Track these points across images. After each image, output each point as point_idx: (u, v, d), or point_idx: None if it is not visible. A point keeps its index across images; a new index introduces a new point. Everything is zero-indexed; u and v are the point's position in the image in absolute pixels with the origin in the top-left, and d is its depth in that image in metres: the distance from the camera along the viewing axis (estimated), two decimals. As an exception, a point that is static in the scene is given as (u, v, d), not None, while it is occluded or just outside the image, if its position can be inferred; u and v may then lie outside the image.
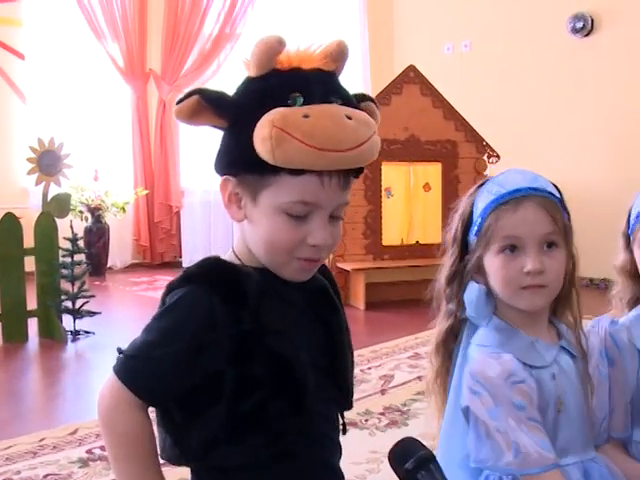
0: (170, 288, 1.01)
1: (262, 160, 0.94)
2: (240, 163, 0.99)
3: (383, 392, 2.90)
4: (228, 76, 6.94)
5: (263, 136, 0.93)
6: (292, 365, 0.99)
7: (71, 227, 3.99)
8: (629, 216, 1.44)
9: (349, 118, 0.96)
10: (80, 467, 2.17)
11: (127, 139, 7.00)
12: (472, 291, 1.23)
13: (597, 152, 6.10)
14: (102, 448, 2.31)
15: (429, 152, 5.24)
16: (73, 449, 2.32)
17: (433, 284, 1.34)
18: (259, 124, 0.94)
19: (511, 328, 1.21)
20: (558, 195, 1.23)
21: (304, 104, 0.95)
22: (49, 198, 4.04)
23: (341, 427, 1.13)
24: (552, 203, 1.20)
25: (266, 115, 0.94)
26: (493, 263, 1.20)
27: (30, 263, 3.94)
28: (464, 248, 1.27)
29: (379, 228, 5.11)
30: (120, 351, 1.00)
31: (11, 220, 3.86)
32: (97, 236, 6.51)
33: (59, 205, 4.06)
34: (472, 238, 1.25)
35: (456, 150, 5.33)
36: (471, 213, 1.27)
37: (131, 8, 6.89)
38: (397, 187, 5.31)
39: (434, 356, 1.33)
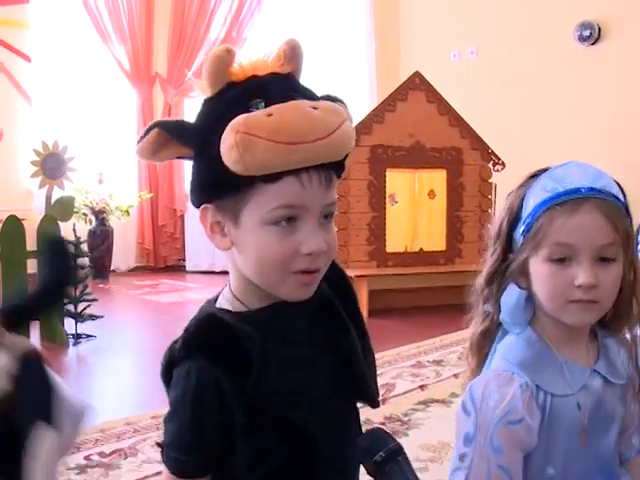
0: (171, 353, 0.97)
1: (235, 176, 0.89)
2: (214, 186, 0.94)
3: (384, 401, 2.88)
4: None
5: (229, 145, 0.88)
6: (301, 428, 0.95)
7: (74, 230, 3.98)
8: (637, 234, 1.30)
9: (315, 109, 0.91)
10: (77, 474, 2.16)
11: (132, 142, 6.97)
12: (511, 295, 1.11)
13: (602, 160, 6.01)
14: (100, 454, 2.30)
15: (434, 159, 5.22)
16: (71, 455, 2.30)
17: (474, 282, 1.19)
18: (223, 136, 0.89)
19: (543, 345, 1.10)
20: (622, 198, 1.07)
21: (266, 107, 0.91)
22: (52, 201, 4.03)
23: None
24: (615, 208, 1.04)
25: (229, 124, 0.89)
26: (541, 269, 1.07)
27: (33, 265, 3.93)
28: (508, 246, 1.13)
29: (383, 235, 5.09)
30: (160, 445, 0.99)
31: (14, 223, 3.85)
32: (101, 239, 6.51)
33: (62, 208, 4.06)
34: (518, 237, 1.10)
35: (461, 157, 5.31)
36: (520, 208, 1.12)
37: (137, 11, 6.90)
38: (402, 194, 5.29)
39: (470, 356, 1.21)
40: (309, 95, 0.96)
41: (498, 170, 5.42)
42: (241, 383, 0.92)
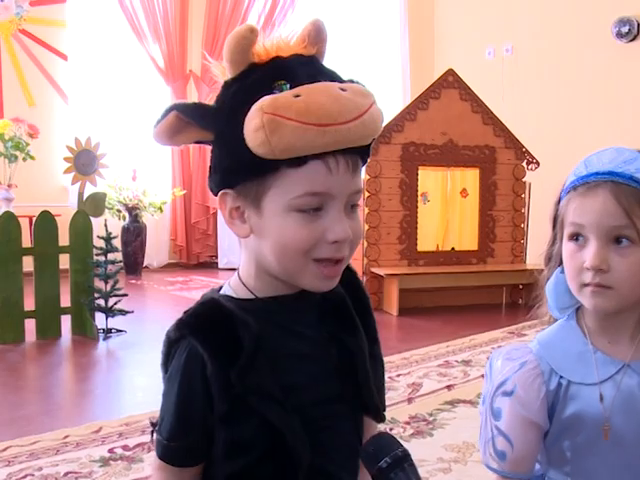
0: (168, 340, 0.95)
1: (259, 159, 0.86)
2: (236, 170, 0.90)
3: (410, 401, 2.85)
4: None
5: (255, 127, 0.84)
6: (279, 432, 0.91)
7: (105, 226, 4.02)
8: None
9: (343, 90, 0.88)
10: (101, 466, 2.17)
11: (166, 140, 7.04)
12: (552, 279, 1.12)
13: (641, 160, 5.96)
14: (124, 447, 2.31)
15: (467, 157, 5.17)
16: (95, 447, 2.32)
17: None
18: (248, 117, 0.86)
19: (577, 332, 1.09)
20: None
21: (291, 89, 0.87)
22: (85, 197, 4.08)
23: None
24: (634, 193, 1.03)
25: (253, 106, 0.86)
26: (565, 250, 1.08)
27: (65, 261, 3.99)
28: (555, 229, 1.14)
29: (414, 233, 5.05)
30: (153, 424, 0.97)
31: (47, 218, 3.91)
32: (134, 235, 6.57)
33: (94, 204, 4.10)
34: (557, 220, 1.12)
35: (494, 156, 5.25)
36: (562, 191, 1.14)
37: (172, 9, 6.95)
38: (434, 192, 5.26)
39: None
40: (334, 77, 0.93)
41: (532, 169, 5.35)
42: (226, 369, 0.89)
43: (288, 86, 0.87)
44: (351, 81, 0.95)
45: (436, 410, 2.72)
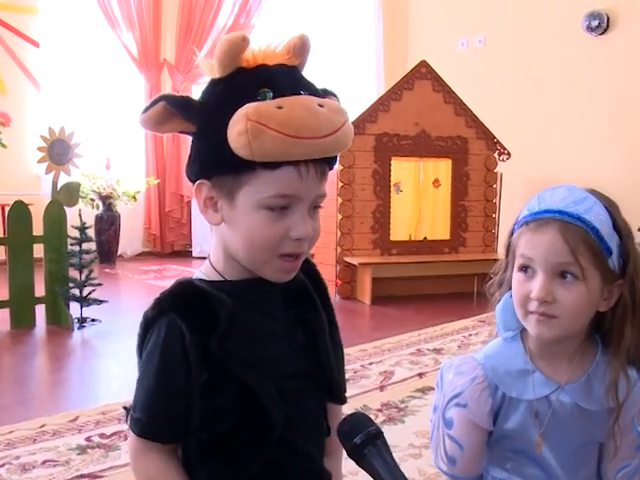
0: (145, 319, 1.01)
1: (237, 158, 0.93)
2: (214, 164, 0.98)
3: (382, 388, 2.91)
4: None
5: (239, 131, 0.92)
6: (258, 396, 0.98)
7: (80, 216, 4.02)
8: None
9: (321, 106, 0.96)
10: (78, 454, 2.20)
11: (140, 129, 6.95)
12: (502, 302, 1.21)
13: (609, 151, 6.07)
14: (101, 436, 2.35)
15: (439, 148, 5.23)
16: (72, 436, 2.35)
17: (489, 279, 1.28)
18: (232, 120, 0.93)
19: (520, 350, 1.19)
20: (596, 225, 1.12)
21: (273, 98, 0.95)
22: (59, 187, 4.07)
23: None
24: (579, 232, 1.10)
25: (239, 111, 0.93)
26: (513, 279, 1.17)
27: (39, 250, 3.98)
28: (508, 258, 1.23)
29: (387, 223, 5.11)
30: (127, 409, 1.02)
31: (20, 208, 3.90)
32: (108, 224, 6.55)
33: (68, 194, 4.10)
34: (510, 250, 1.21)
35: (466, 146, 5.32)
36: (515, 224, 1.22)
37: (146, -2, 6.91)
38: (406, 182, 5.32)
39: None
40: (313, 90, 1.01)
41: (503, 160, 5.43)
42: (205, 340, 0.96)
43: (271, 94, 0.95)
44: (325, 90, 1.04)
45: (407, 397, 2.79)
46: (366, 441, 0.92)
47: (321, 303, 1.13)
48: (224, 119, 0.94)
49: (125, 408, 1.03)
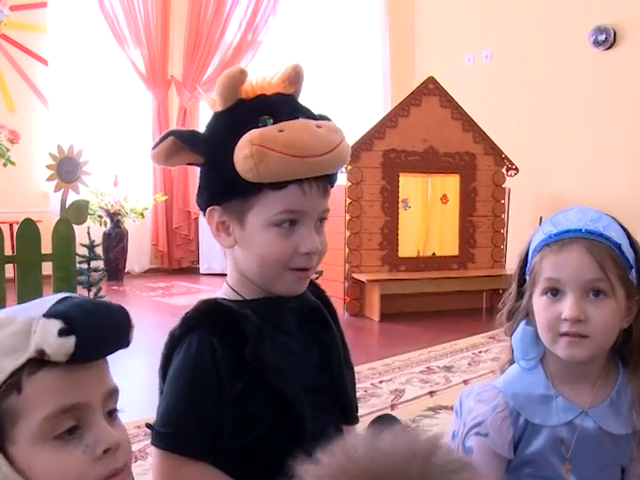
0: (172, 338, 1.04)
1: (245, 182, 1.00)
2: (224, 190, 1.04)
3: (393, 407, 2.89)
4: (248, 84, 6.98)
5: (244, 155, 0.99)
6: (291, 401, 1.01)
7: (88, 234, 4.02)
8: None
9: (319, 127, 1.03)
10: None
11: (147, 145, 6.98)
12: (519, 331, 1.20)
13: (617, 166, 6.05)
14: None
15: (447, 164, 5.23)
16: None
17: (499, 308, 1.29)
18: (238, 146, 1.00)
19: (542, 377, 1.18)
20: (617, 241, 1.13)
21: (274, 123, 1.02)
22: (67, 204, 4.07)
23: None
24: (605, 248, 1.11)
25: (243, 137, 1.00)
26: (537, 304, 1.16)
27: (47, 267, 3.98)
28: (521, 286, 1.23)
29: (395, 239, 5.10)
30: (150, 427, 1.03)
31: (29, 226, 3.90)
32: (116, 241, 6.56)
33: (77, 212, 4.09)
34: (527, 277, 1.21)
35: (474, 162, 5.31)
36: (528, 250, 1.23)
37: (154, 15, 6.95)
38: (414, 199, 5.31)
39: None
40: (310, 115, 1.09)
41: (512, 175, 5.42)
42: (237, 352, 1.00)
43: (271, 120, 1.02)
44: (320, 115, 1.12)
45: (419, 417, 2.76)
46: None
47: (336, 321, 1.18)
48: (230, 147, 1.01)
49: (149, 425, 1.03)
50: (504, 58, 6.91)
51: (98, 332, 0.79)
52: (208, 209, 1.08)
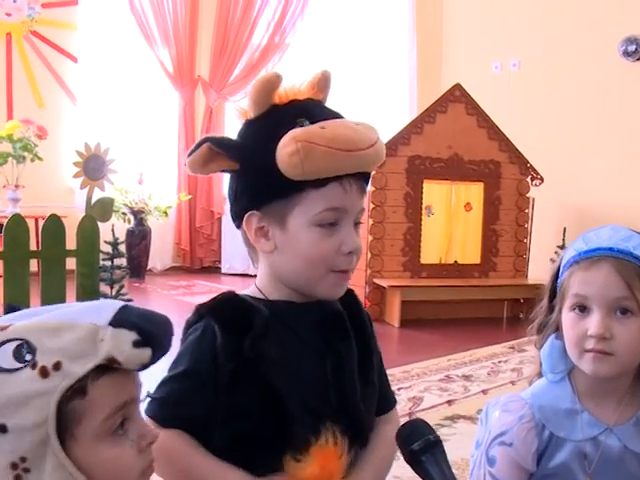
0: (187, 324, 1.09)
1: (286, 182, 1.01)
2: (264, 192, 1.05)
3: (410, 415, 2.88)
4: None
5: (289, 152, 0.99)
6: (282, 398, 1.01)
7: (112, 231, 4.06)
8: None
9: (357, 124, 1.06)
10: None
11: (173, 144, 7.10)
12: (547, 345, 1.21)
13: (644, 178, 5.99)
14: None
15: (472, 172, 5.21)
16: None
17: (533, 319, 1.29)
18: (281, 144, 1.00)
19: (569, 391, 1.18)
20: None
21: (311, 125, 1.04)
22: (93, 201, 4.11)
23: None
24: (633, 267, 1.12)
25: (286, 135, 1.01)
26: (565, 319, 1.17)
27: (71, 263, 4.02)
28: (552, 300, 1.24)
29: (418, 246, 5.09)
30: (148, 394, 1.04)
31: (55, 221, 3.93)
32: (139, 238, 6.60)
33: (102, 209, 4.12)
34: (558, 292, 1.21)
35: (499, 171, 5.29)
36: (560, 265, 1.23)
37: (182, 15, 7.00)
38: (438, 206, 5.29)
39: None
40: (340, 117, 1.10)
41: (536, 185, 5.39)
42: (236, 341, 1.01)
43: (308, 122, 1.03)
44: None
45: (436, 425, 2.75)
46: (424, 448, 0.93)
47: (361, 330, 1.16)
48: (269, 150, 1.01)
49: (148, 393, 1.05)
50: (532, 67, 6.87)
51: (163, 343, 0.85)
52: (246, 215, 1.07)
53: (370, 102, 7.23)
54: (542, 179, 5.37)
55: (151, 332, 0.82)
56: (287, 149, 0.99)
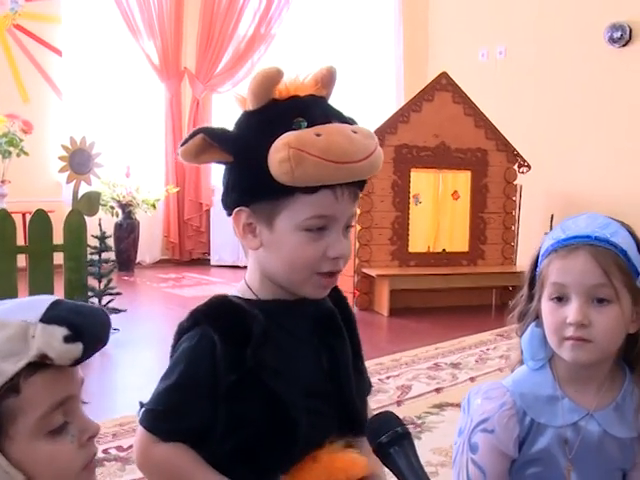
0: (180, 329, 1.06)
1: (277, 185, 0.99)
2: (254, 191, 1.03)
3: (399, 403, 2.90)
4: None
5: (281, 159, 0.97)
6: (286, 405, 1.01)
7: (99, 225, 4.05)
8: None
9: (354, 132, 1.02)
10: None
11: (160, 137, 7.07)
12: (527, 332, 1.23)
13: (631, 164, 6.02)
14: (118, 448, 2.35)
15: (459, 160, 5.22)
16: (90, 448, 2.35)
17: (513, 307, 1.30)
18: (273, 148, 0.98)
19: (549, 377, 1.20)
20: (624, 247, 1.15)
21: (308, 127, 1.00)
22: (79, 195, 4.10)
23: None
24: (610, 255, 1.13)
25: (279, 139, 0.98)
26: (544, 308, 1.18)
27: (59, 258, 4.01)
28: (532, 289, 1.25)
29: (406, 235, 5.10)
30: (142, 405, 1.05)
31: (41, 216, 3.93)
32: (127, 232, 6.59)
33: (89, 203, 4.12)
34: (537, 280, 1.23)
35: (486, 159, 5.30)
36: (538, 254, 1.24)
37: (167, 6, 6.95)
38: (425, 194, 5.30)
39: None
40: (342, 118, 1.07)
41: (523, 172, 5.40)
42: (237, 350, 1.00)
43: (305, 124, 1.01)
44: (351, 119, 1.10)
45: (425, 413, 2.77)
46: (392, 440, 0.94)
47: (349, 334, 1.16)
48: (263, 148, 0.99)
49: (141, 403, 1.05)
50: (518, 54, 6.87)
51: (96, 336, 0.84)
52: (235, 210, 1.06)
53: (357, 91, 7.20)
54: (529, 166, 5.39)
55: (82, 326, 0.80)
56: (279, 155, 0.97)
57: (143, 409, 1.04)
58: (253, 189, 1.03)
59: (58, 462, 0.82)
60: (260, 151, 0.99)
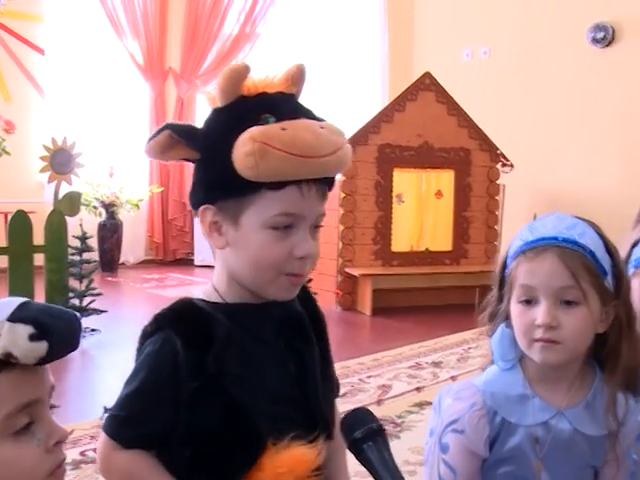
0: (144, 333, 1.04)
1: (242, 181, 0.97)
2: (219, 188, 1.01)
3: (379, 402, 2.90)
4: (246, 76, 6.97)
5: (245, 152, 0.95)
6: (248, 412, 0.99)
7: (80, 225, 4.03)
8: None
9: (322, 128, 1.00)
10: (72, 469, 2.19)
11: (144, 136, 6.98)
12: (497, 333, 1.23)
13: (614, 163, 6.06)
14: (95, 451, 2.34)
15: (442, 159, 5.23)
16: (66, 450, 2.32)
17: (483, 309, 1.30)
18: (238, 143, 0.97)
19: (519, 377, 1.21)
20: (592, 248, 1.15)
21: (275, 122, 0.99)
22: (61, 196, 4.08)
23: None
24: (578, 256, 1.13)
25: (244, 134, 0.97)
26: (513, 310, 1.18)
27: (39, 259, 3.99)
28: (502, 290, 1.24)
29: (389, 234, 5.11)
30: (106, 410, 1.03)
31: (22, 217, 3.90)
32: (111, 232, 6.56)
33: (70, 203, 4.10)
34: (506, 282, 1.22)
35: (469, 158, 5.32)
36: (507, 256, 1.24)
37: (152, 6, 6.94)
38: (409, 194, 5.31)
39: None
40: (311, 116, 1.05)
41: (507, 171, 5.42)
42: (199, 356, 0.98)
43: (273, 119, 0.99)
44: (320, 118, 1.07)
45: (405, 412, 2.77)
46: (366, 436, 0.94)
47: (317, 337, 1.13)
48: (228, 144, 0.98)
49: (105, 408, 1.04)
50: (502, 54, 6.90)
51: (64, 337, 0.83)
52: (201, 208, 1.04)
53: (342, 91, 7.22)
54: (512, 166, 5.41)
55: (48, 325, 0.80)
56: (244, 148, 0.96)
57: (107, 415, 1.03)
58: (219, 186, 1.01)
59: (22, 465, 0.81)
60: (226, 147, 0.98)
